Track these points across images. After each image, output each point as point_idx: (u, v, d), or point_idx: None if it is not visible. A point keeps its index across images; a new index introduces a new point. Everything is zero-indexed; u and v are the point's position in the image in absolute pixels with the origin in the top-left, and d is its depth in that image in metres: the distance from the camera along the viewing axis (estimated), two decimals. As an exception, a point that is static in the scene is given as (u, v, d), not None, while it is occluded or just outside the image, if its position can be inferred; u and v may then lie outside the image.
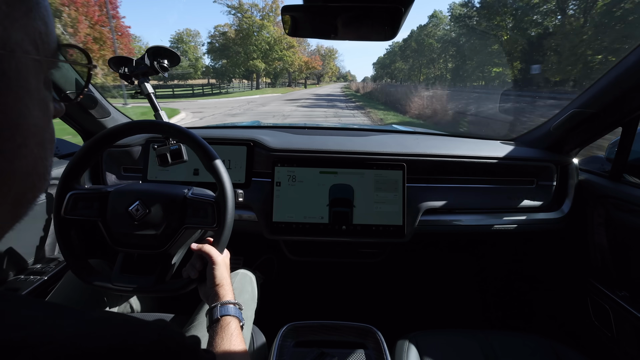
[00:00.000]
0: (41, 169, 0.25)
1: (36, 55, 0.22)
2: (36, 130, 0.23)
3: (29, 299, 0.25)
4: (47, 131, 0.25)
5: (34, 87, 0.23)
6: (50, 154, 0.26)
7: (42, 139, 0.24)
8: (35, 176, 0.24)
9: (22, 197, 0.24)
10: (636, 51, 0.74)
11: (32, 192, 0.25)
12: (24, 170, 0.23)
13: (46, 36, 0.23)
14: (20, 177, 0.23)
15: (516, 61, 24.06)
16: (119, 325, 0.24)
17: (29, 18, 0.22)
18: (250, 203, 0.99)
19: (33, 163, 0.23)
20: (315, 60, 56.86)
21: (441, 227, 1.04)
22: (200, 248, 0.63)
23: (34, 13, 0.22)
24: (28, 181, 0.24)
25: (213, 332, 0.53)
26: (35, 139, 0.23)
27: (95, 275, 0.68)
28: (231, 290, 0.61)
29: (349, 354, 0.77)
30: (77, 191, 0.68)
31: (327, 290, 1.44)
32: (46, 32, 0.23)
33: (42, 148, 0.24)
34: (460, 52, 35.32)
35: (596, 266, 1.01)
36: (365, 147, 1.04)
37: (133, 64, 0.84)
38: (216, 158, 0.68)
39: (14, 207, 0.24)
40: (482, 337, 0.83)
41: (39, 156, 0.24)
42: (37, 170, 0.24)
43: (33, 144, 0.23)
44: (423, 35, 46.06)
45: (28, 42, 0.22)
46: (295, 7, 0.53)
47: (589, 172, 1.08)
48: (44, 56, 0.23)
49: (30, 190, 0.24)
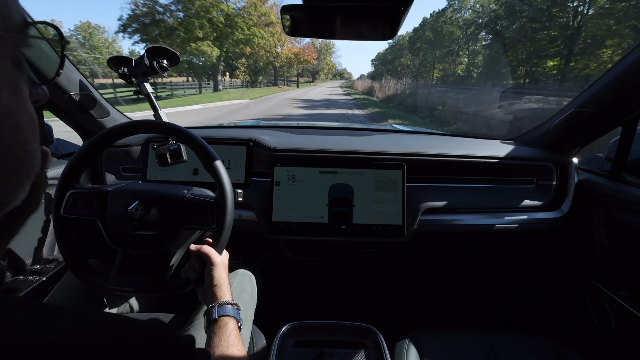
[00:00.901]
0: (21, 153, 0.23)
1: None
2: (7, 112, 0.22)
3: (23, 299, 0.24)
4: (23, 114, 0.24)
5: (1, 67, 0.21)
6: (33, 138, 0.25)
7: (16, 121, 0.23)
8: (15, 161, 0.23)
9: (5, 182, 0.23)
10: (636, 51, 0.74)
11: (16, 177, 0.23)
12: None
13: (6, 9, 0.22)
14: None
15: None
16: (113, 325, 0.24)
17: None
18: (250, 203, 0.99)
19: (8, 147, 0.22)
20: (308, 52, 42.71)
21: (441, 227, 1.04)
22: (199, 249, 0.63)
23: None
24: (8, 166, 0.22)
25: (211, 333, 0.53)
26: (6, 121, 0.22)
27: (94, 274, 0.67)
28: (229, 291, 0.61)
29: (348, 353, 0.77)
30: (76, 190, 0.67)
31: (327, 290, 1.44)
32: (5, 5, 0.22)
33: (19, 131, 0.23)
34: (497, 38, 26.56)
35: (596, 266, 1.01)
36: (365, 146, 1.04)
37: (132, 64, 0.84)
38: (216, 158, 0.67)
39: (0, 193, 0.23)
40: (482, 337, 0.83)
41: (15, 140, 0.23)
42: (16, 155, 0.23)
43: (5, 126, 0.22)
44: (440, 22, 37.79)
45: None
46: (295, 6, 0.53)
47: (589, 171, 1.08)
48: (7, 30, 0.22)
49: (13, 175, 0.23)
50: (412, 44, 48.94)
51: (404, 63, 60.64)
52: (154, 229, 0.66)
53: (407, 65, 58.04)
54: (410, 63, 56.07)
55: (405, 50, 59.89)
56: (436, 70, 45.11)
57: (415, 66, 52.89)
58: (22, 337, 0.19)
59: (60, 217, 0.67)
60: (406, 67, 59.09)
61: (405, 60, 60.23)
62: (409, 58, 58.56)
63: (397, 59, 64.16)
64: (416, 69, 52.07)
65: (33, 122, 0.25)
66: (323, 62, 70.56)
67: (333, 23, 0.55)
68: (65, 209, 0.66)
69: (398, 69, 62.81)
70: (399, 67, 62.85)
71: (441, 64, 42.36)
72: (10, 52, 0.23)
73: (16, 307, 0.21)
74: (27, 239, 0.93)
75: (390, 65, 68.96)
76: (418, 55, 50.57)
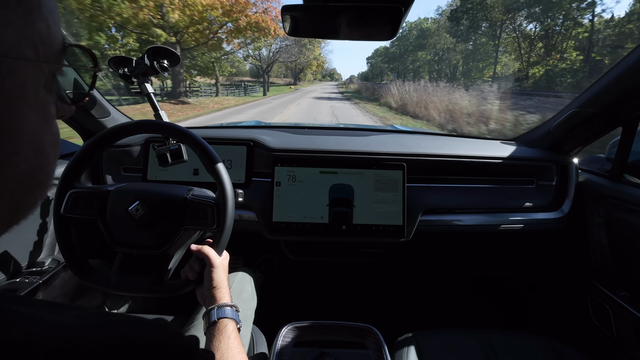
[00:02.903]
0: (40, 175, 0.24)
1: (35, 59, 0.21)
2: (32, 137, 0.22)
3: (28, 298, 0.24)
4: (48, 136, 0.24)
5: (32, 91, 0.22)
6: (53, 159, 0.25)
7: (40, 144, 0.23)
8: (33, 183, 0.23)
9: (19, 204, 0.23)
10: (636, 51, 0.74)
11: (31, 199, 0.24)
12: (18, 177, 0.22)
13: (48, 37, 0.22)
14: (14, 184, 0.22)
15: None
16: (120, 324, 0.24)
17: (27, 20, 0.20)
18: (250, 203, 0.99)
19: (29, 170, 0.22)
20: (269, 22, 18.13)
21: (441, 227, 1.04)
22: (200, 249, 0.63)
23: (35, 15, 0.21)
24: (25, 188, 0.23)
25: (210, 335, 0.53)
26: (31, 145, 0.22)
27: (95, 275, 0.67)
28: (228, 293, 0.61)
29: (348, 354, 0.77)
30: (77, 190, 0.67)
31: (327, 290, 1.44)
32: (48, 33, 0.22)
33: (41, 154, 0.23)
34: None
35: (596, 266, 1.01)
36: (365, 147, 1.04)
37: (133, 64, 0.84)
38: (217, 159, 0.68)
39: (11, 213, 0.23)
40: (482, 336, 0.83)
41: (36, 163, 0.23)
42: (36, 177, 0.23)
43: (28, 151, 0.22)
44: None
45: (25, 45, 0.21)
46: (295, 7, 0.53)
47: (589, 172, 1.08)
48: (45, 60, 0.22)
49: (28, 197, 0.23)
50: (454, 22, 28.65)
51: (422, 58, 46.97)
52: (154, 229, 0.66)
53: (440, 60, 42.40)
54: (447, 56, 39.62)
55: (426, 39, 43.82)
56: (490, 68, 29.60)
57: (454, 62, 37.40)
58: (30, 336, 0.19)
59: (61, 217, 0.67)
60: (426, 64, 46.10)
61: (424, 54, 46.14)
62: (425, 54, 44.95)
63: (412, 53, 48.81)
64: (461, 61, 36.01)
65: (56, 143, 0.25)
66: (309, 54, 45.34)
67: (333, 23, 0.55)
68: (66, 209, 0.66)
69: (410, 66, 49.38)
70: (415, 62, 48.65)
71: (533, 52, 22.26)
72: (45, 78, 0.23)
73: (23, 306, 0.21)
74: (28, 238, 0.93)
75: (397, 63, 55.43)
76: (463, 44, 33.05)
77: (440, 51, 43.20)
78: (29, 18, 0.21)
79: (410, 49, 49.50)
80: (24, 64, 0.21)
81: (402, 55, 52.89)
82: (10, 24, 0.19)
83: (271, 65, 35.05)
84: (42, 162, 0.23)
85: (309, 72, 60.57)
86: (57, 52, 0.24)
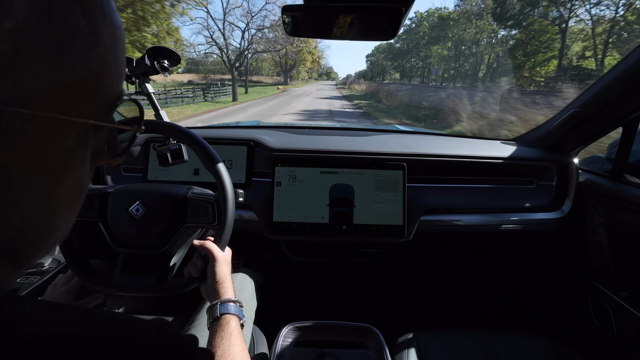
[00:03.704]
0: (43, 228, 0.22)
1: (64, 113, 0.18)
2: (36, 188, 0.20)
3: (27, 297, 0.24)
4: (65, 189, 0.22)
5: (55, 143, 0.19)
6: (65, 211, 0.23)
7: (48, 198, 0.21)
8: (33, 236, 0.21)
9: (18, 255, 0.22)
10: (636, 51, 0.74)
11: (29, 250, 0.22)
12: (10, 230, 0.20)
13: (93, 84, 0.19)
14: (5, 235, 0.20)
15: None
16: (117, 323, 0.24)
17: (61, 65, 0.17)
18: (251, 203, 0.99)
19: (25, 224, 0.21)
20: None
21: (441, 227, 1.04)
22: (202, 245, 0.64)
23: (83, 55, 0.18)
24: (22, 240, 0.21)
25: (213, 331, 0.53)
26: (33, 198, 0.20)
27: (97, 276, 0.67)
28: (232, 288, 0.61)
29: (349, 354, 0.77)
30: None
31: (327, 290, 1.44)
32: (96, 80, 0.19)
33: (48, 207, 0.21)
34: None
35: (596, 266, 1.01)
36: (365, 147, 1.04)
37: (133, 64, 0.84)
38: (217, 158, 0.68)
39: (11, 264, 0.22)
40: (482, 337, 0.83)
41: (38, 216, 0.21)
42: (36, 230, 0.21)
43: (28, 204, 0.20)
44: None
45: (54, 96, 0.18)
46: (296, 7, 0.53)
47: (590, 172, 1.08)
48: (78, 115, 0.19)
49: (26, 249, 0.22)
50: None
51: (437, 54, 39.26)
52: (156, 228, 0.66)
53: (460, 55, 33.84)
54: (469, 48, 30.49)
55: (448, 31, 33.97)
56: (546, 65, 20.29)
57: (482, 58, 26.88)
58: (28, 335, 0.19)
59: None
60: (443, 60, 37.56)
61: (441, 48, 37.92)
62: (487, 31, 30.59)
63: (426, 46, 41.00)
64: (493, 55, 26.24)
65: (76, 194, 0.23)
66: (302, 46, 36.19)
67: (334, 23, 0.55)
68: None
69: (420, 63, 40.89)
70: (426, 60, 41.02)
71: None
72: (78, 132, 0.21)
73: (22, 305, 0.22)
74: None
75: (403, 59, 48.22)
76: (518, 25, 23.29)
77: (465, 44, 33.48)
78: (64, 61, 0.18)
79: (424, 42, 41.56)
80: (44, 118, 0.18)
81: (410, 51, 45.41)
82: (28, 69, 0.17)
83: (245, 58, 24.63)
84: (46, 216, 0.22)
85: (303, 69, 49.62)
86: (107, 105, 0.21)
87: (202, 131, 1.14)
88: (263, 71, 48.77)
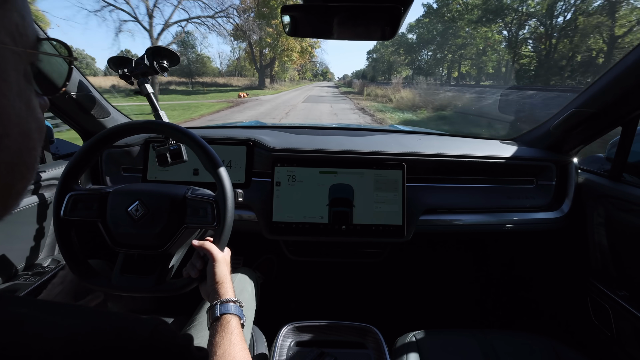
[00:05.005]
0: (28, 159, 0.25)
1: (14, 46, 0.22)
2: (19, 121, 0.23)
3: (25, 298, 0.25)
4: (33, 121, 0.25)
5: (14, 79, 0.23)
6: (39, 144, 0.26)
7: (26, 128, 0.24)
8: (22, 166, 0.24)
9: (10, 188, 0.24)
10: (636, 51, 0.74)
11: (21, 183, 0.25)
12: (9, 160, 0.23)
13: (23, 28, 0.23)
14: (5, 167, 0.23)
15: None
16: (112, 322, 0.24)
17: (4, 10, 0.22)
18: (250, 203, 0.99)
19: (18, 153, 0.24)
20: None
21: (441, 227, 1.04)
22: (201, 245, 0.64)
23: (9, 5, 0.22)
24: (15, 172, 0.24)
25: (214, 331, 0.53)
26: (18, 129, 0.23)
27: (97, 276, 0.67)
28: (232, 288, 0.61)
29: (348, 353, 0.77)
30: (76, 192, 0.67)
31: (327, 290, 1.44)
32: (23, 25, 0.23)
33: (28, 138, 0.24)
34: None
35: (596, 266, 1.01)
36: (365, 146, 1.04)
37: (132, 64, 0.84)
38: (216, 158, 0.68)
39: (4, 198, 0.24)
40: (482, 337, 0.83)
41: (24, 146, 0.24)
42: (24, 160, 0.24)
43: (16, 133, 0.23)
44: None
45: (4, 33, 0.22)
46: (295, 7, 0.53)
47: (589, 171, 1.08)
48: (22, 47, 0.23)
49: (19, 181, 0.24)
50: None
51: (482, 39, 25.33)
52: (155, 228, 0.66)
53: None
54: None
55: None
56: None
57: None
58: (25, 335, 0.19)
59: (61, 220, 0.67)
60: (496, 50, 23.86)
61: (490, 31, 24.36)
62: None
63: (453, 34, 28.55)
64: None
65: (41, 129, 0.26)
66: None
67: (333, 23, 0.55)
68: (65, 212, 0.66)
69: (449, 56, 29.65)
70: (460, 50, 28.63)
71: None
72: (24, 67, 0.24)
73: (18, 306, 0.22)
74: (28, 238, 0.93)
75: (422, 51, 35.21)
76: None
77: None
78: (5, 7, 0.22)
79: (463, 22, 26.52)
80: (6, 51, 0.22)
81: (432, 40, 30.73)
82: None
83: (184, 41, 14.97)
84: (29, 146, 0.25)
85: (291, 66, 34.84)
86: (32, 42, 0.25)
87: (202, 131, 1.14)
88: (246, 71, 33.55)
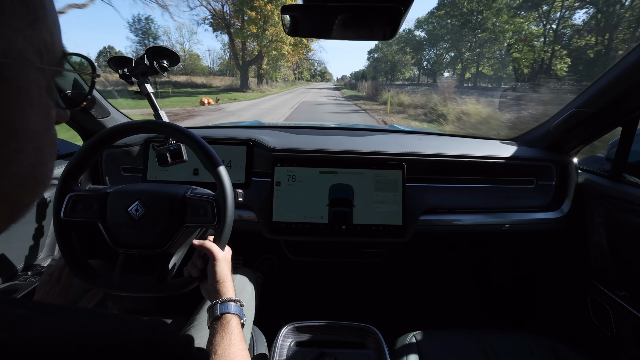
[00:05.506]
0: (39, 173, 0.25)
1: (39, 64, 0.23)
2: (34, 136, 0.24)
3: (21, 299, 0.25)
4: (47, 137, 0.25)
5: (35, 94, 0.23)
6: (51, 158, 0.26)
7: (40, 144, 0.24)
8: (32, 180, 0.24)
9: (19, 201, 0.24)
10: (635, 51, 0.74)
11: (30, 196, 0.25)
12: (21, 174, 0.23)
13: (51, 45, 0.24)
14: (17, 181, 0.23)
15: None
16: (112, 323, 0.24)
17: (34, 29, 0.22)
18: (250, 203, 0.99)
19: (30, 168, 0.24)
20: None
21: (441, 227, 1.04)
22: (202, 244, 0.64)
23: (41, 24, 0.23)
24: (25, 185, 0.24)
25: (214, 330, 0.53)
26: (32, 144, 0.24)
27: (97, 277, 0.67)
28: (232, 287, 0.61)
29: (348, 353, 0.77)
30: (76, 193, 0.67)
31: (327, 290, 1.44)
32: (52, 42, 0.24)
33: (41, 153, 0.25)
34: None
35: (596, 266, 1.01)
36: (365, 146, 1.04)
37: (132, 64, 0.84)
38: (216, 158, 0.68)
39: (11, 210, 0.24)
40: (482, 336, 0.83)
41: (36, 161, 0.24)
42: (35, 175, 0.24)
43: (30, 149, 0.23)
44: None
45: (32, 51, 0.22)
46: (295, 6, 0.53)
47: (589, 171, 1.08)
48: (48, 65, 0.24)
49: (27, 194, 0.25)
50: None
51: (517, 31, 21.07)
52: (155, 228, 0.66)
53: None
54: None
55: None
56: None
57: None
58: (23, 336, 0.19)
59: (61, 221, 0.67)
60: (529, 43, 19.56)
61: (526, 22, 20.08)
62: None
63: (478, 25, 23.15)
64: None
65: (54, 144, 0.27)
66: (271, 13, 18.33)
67: (333, 23, 0.55)
68: (65, 212, 0.66)
69: (467, 54, 24.49)
70: (483, 47, 23.79)
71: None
72: (47, 83, 0.25)
73: (17, 307, 0.22)
74: (28, 239, 0.93)
75: (434, 48, 30.35)
76: None
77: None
78: (35, 27, 0.22)
79: (490, 13, 21.77)
80: (31, 69, 0.22)
81: (446, 35, 25.85)
82: (20, 31, 0.21)
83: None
84: (41, 161, 0.25)
85: (285, 64, 30.27)
86: (58, 58, 0.25)
87: (202, 131, 1.14)
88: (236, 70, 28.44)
